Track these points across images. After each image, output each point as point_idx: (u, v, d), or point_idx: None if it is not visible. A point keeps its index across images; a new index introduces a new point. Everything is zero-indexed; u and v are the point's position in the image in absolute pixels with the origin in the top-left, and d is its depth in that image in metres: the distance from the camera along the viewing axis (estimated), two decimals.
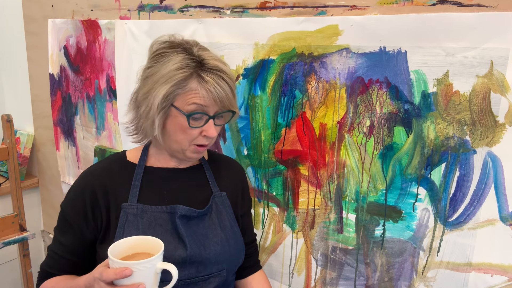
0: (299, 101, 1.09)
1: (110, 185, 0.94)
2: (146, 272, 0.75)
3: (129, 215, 0.92)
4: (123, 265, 0.74)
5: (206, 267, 0.94)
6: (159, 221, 0.93)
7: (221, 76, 0.87)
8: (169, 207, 0.94)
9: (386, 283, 1.05)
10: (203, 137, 0.91)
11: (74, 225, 0.93)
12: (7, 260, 2.03)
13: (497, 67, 0.83)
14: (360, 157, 1.03)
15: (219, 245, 0.95)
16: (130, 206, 0.92)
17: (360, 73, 0.99)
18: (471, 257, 0.92)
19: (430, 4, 0.88)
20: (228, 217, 1.01)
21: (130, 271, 0.73)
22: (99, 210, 0.93)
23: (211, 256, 0.94)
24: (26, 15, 1.85)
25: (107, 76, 1.54)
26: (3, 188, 1.92)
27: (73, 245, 0.94)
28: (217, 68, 0.87)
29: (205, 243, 0.94)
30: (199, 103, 0.86)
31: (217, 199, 1.01)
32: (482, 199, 0.90)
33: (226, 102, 0.88)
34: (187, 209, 0.94)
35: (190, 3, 1.25)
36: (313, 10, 1.03)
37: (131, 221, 0.91)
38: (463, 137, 0.89)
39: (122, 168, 0.98)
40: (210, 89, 0.85)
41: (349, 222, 1.08)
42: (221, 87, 0.86)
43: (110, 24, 1.47)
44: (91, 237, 0.94)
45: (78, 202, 0.93)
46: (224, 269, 0.96)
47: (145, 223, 0.92)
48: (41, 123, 1.95)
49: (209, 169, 1.04)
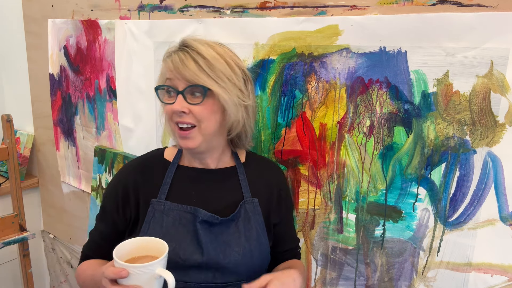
0: (299, 101, 1.09)
1: (142, 181, 0.97)
2: (144, 276, 0.76)
3: (156, 211, 0.94)
4: (121, 266, 0.76)
5: (224, 275, 0.92)
6: (183, 221, 0.93)
7: (185, 49, 0.89)
8: (192, 208, 0.93)
9: (386, 283, 1.05)
10: (175, 114, 0.90)
11: (108, 214, 0.99)
12: (7, 260, 2.03)
13: (497, 67, 0.83)
14: (360, 157, 1.03)
15: (240, 255, 0.92)
16: (158, 202, 0.94)
17: (360, 73, 0.99)
18: (471, 257, 0.92)
19: (430, 4, 0.88)
20: (257, 226, 0.96)
21: (126, 273, 0.75)
22: (128, 204, 0.96)
23: (230, 266, 0.91)
24: (26, 15, 1.85)
25: (107, 76, 1.54)
26: (3, 188, 1.92)
27: (107, 232, 0.99)
28: (185, 44, 0.90)
29: (225, 251, 0.92)
30: (166, 77, 0.90)
31: (248, 206, 0.97)
32: (482, 199, 0.90)
33: (186, 73, 0.86)
34: (209, 215, 0.92)
35: (190, 3, 1.25)
36: (313, 10, 1.03)
37: (157, 217, 0.93)
38: (463, 137, 0.89)
39: (157, 164, 1.00)
40: (168, 61, 0.89)
41: (349, 222, 1.08)
42: (180, 58, 0.87)
43: (110, 24, 1.47)
44: (122, 227, 0.98)
45: (113, 193, 0.99)
46: (243, 279, 0.93)
47: (170, 221, 0.93)
48: (41, 123, 1.95)
49: (243, 173, 1.01)
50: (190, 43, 0.90)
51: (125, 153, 1.51)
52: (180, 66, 0.87)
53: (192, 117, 0.89)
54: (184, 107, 0.88)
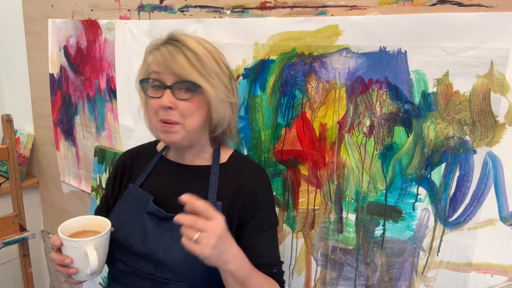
0: (299, 101, 1.09)
1: (131, 165, 1.06)
2: (75, 251, 0.84)
3: (129, 195, 1.00)
4: (59, 237, 0.85)
5: (164, 270, 0.90)
6: (144, 209, 0.96)
7: (175, 44, 0.87)
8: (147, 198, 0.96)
9: (386, 283, 1.05)
10: (162, 109, 0.88)
11: (106, 188, 1.11)
12: (7, 260, 2.03)
13: (497, 67, 0.83)
14: (360, 157, 1.03)
15: (183, 255, 0.85)
16: (133, 187, 1.01)
17: (360, 73, 0.99)
18: (471, 257, 0.92)
19: (430, 4, 0.88)
20: None
21: (59, 243, 0.85)
22: (117, 183, 1.07)
23: (169, 263, 0.89)
24: (26, 15, 1.85)
25: (107, 76, 1.54)
26: (3, 188, 1.92)
27: (105, 197, 1.11)
28: (174, 38, 0.89)
29: (169, 247, 0.89)
30: (153, 70, 0.89)
31: None
32: (482, 199, 0.90)
33: (177, 70, 0.85)
34: (155, 209, 0.94)
35: (190, 3, 1.25)
36: (313, 10, 1.03)
37: (128, 200, 1.00)
38: (463, 137, 0.89)
39: (148, 153, 1.07)
40: (157, 55, 0.88)
41: (349, 222, 1.08)
42: (169, 52, 0.86)
43: (110, 24, 1.47)
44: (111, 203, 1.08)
45: (113, 169, 1.10)
46: (183, 282, 0.89)
47: (135, 206, 0.97)
48: (41, 123, 1.95)
49: (216, 174, 0.96)
50: (180, 37, 0.89)
51: None
52: (171, 60, 0.86)
53: (177, 114, 0.88)
54: (172, 102, 0.87)
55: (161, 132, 0.91)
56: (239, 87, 1.19)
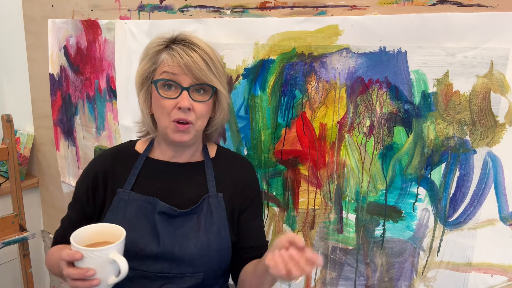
0: (299, 101, 1.09)
1: (111, 171, 1.00)
2: (97, 260, 0.79)
3: (121, 200, 0.97)
4: (76, 249, 0.79)
5: (180, 266, 0.93)
6: (145, 212, 0.95)
7: (191, 47, 0.90)
8: (153, 199, 0.95)
9: (386, 283, 1.05)
10: (178, 110, 0.90)
11: (79, 201, 1.02)
12: (7, 260, 2.03)
13: (497, 67, 0.83)
14: (360, 157, 1.03)
15: (197, 248, 0.93)
16: (123, 192, 0.97)
17: (360, 73, 0.99)
18: (471, 257, 0.92)
19: (430, 4, 0.88)
20: (219, 220, 0.97)
21: (80, 256, 0.78)
22: (98, 192, 1.00)
23: (185, 257, 0.93)
24: (26, 15, 1.85)
25: (107, 76, 1.54)
26: (3, 188, 1.92)
27: (77, 219, 1.01)
28: (187, 40, 0.91)
29: (182, 243, 0.93)
30: (168, 71, 0.89)
31: (211, 200, 0.98)
32: (482, 199, 0.90)
33: (198, 73, 0.88)
34: (167, 207, 0.94)
35: (190, 3, 1.25)
36: (313, 10, 1.03)
37: (121, 207, 0.96)
38: (463, 137, 0.89)
39: (128, 156, 1.03)
40: (176, 55, 0.88)
41: (349, 222, 1.08)
42: (188, 55, 0.88)
43: (110, 24, 1.47)
44: (90, 214, 1.01)
45: (84, 182, 1.02)
46: (201, 272, 0.94)
47: (133, 211, 0.95)
48: (41, 123, 1.95)
49: (210, 167, 1.02)
50: (192, 39, 0.91)
51: None
52: (191, 62, 0.88)
53: (193, 115, 0.91)
54: (191, 103, 0.90)
55: (173, 132, 0.92)
56: (239, 87, 1.19)
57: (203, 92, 0.92)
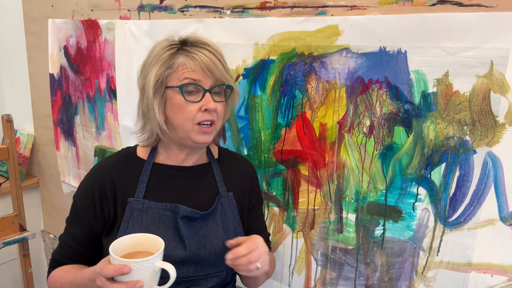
0: (299, 101, 1.09)
1: (118, 179, 0.95)
2: (145, 271, 0.77)
3: (134, 210, 0.93)
4: (122, 262, 0.75)
5: (204, 268, 0.95)
6: (163, 219, 0.94)
7: (206, 48, 0.90)
8: (172, 205, 0.94)
9: (386, 283, 1.05)
10: (204, 112, 0.90)
11: (84, 216, 0.96)
12: (7, 260, 2.03)
13: (497, 67, 0.83)
14: (360, 157, 1.03)
15: (220, 247, 0.95)
16: (136, 201, 0.94)
17: (360, 73, 0.99)
18: (471, 257, 0.92)
19: (430, 4, 0.88)
20: (233, 219, 1.00)
21: (128, 269, 0.74)
22: (107, 203, 0.94)
23: (210, 258, 0.94)
24: (26, 15, 1.85)
25: (107, 76, 1.54)
26: (3, 188, 1.92)
27: (82, 235, 0.97)
28: (199, 41, 0.91)
29: (205, 244, 0.94)
30: (190, 77, 0.88)
31: (223, 200, 1.00)
32: (482, 199, 0.90)
33: (217, 73, 0.89)
34: (189, 211, 0.94)
35: (190, 3, 1.25)
36: (313, 10, 1.03)
37: (136, 216, 0.93)
38: (463, 137, 0.89)
39: (132, 163, 0.99)
40: (196, 58, 0.88)
41: (349, 222, 1.08)
42: (206, 56, 0.88)
43: (110, 24, 1.47)
44: (99, 229, 0.96)
45: (88, 194, 0.95)
46: (223, 271, 0.97)
47: (149, 219, 0.93)
48: (41, 123, 1.95)
49: (217, 168, 1.03)
50: (205, 40, 0.92)
51: None
52: (212, 66, 0.88)
53: (215, 115, 0.92)
54: (216, 104, 0.91)
55: (198, 134, 0.91)
56: (239, 87, 1.19)
57: (220, 93, 0.93)
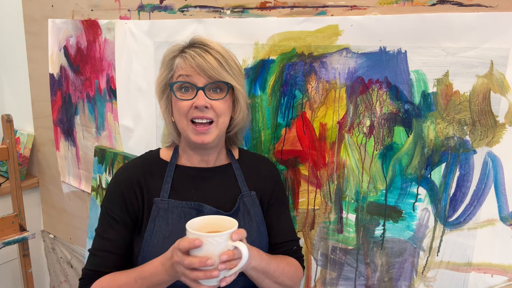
0: (299, 101, 1.09)
1: (143, 180, 0.98)
2: (217, 246, 0.77)
3: (160, 209, 0.95)
4: (195, 236, 0.77)
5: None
6: (188, 217, 0.92)
7: (204, 48, 0.91)
8: (197, 204, 0.95)
9: (386, 283, 1.05)
10: (195, 109, 0.91)
11: (118, 218, 0.96)
12: (7, 260, 2.03)
13: (497, 67, 0.83)
14: (360, 157, 1.03)
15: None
16: (161, 201, 0.96)
17: (360, 73, 0.99)
18: (471, 257, 0.92)
19: (430, 4, 0.88)
20: (256, 218, 1.00)
21: (200, 242, 0.75)
22: (136, 202, 0.96)
23: None
24: (26, 15, 1.85)
25: (107, 76, 1.54)
26: (3, 188, 1.92)
27: (121, 237, 0.96)
28: (200, 42, 0.92)
29: None
30: (183, 74, 0.91)
31: (246, 199, 1.00)
32: (482, 199, 0.90)
33: (211, 72, 0.89)
34: (214, 211, 0.95)
35: (190, 3, 1.25)
36: (313, 10, 1.03)
37: (162, 215, 0.94)
38: (463, 137, 0.89)
39: (155, 165, 1.01)
40: (188, 57, 0.90)
41: (349, 222, 1.08)
42: (200, 56, 0.90)
43: (110, 24, 1.47)
44: (133, 227, 0.97)
45: (117, 195, 0.97)
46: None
47: (175, 218, 0.94)
48: (41, 123, 1.95)
49: (238, 168, 1.04)
50: (204, 41, 0.93)
51: (125, 153, 1.51)
52: (203, 63, 0.89)
53: (213, 112, 0.92)
54: (207, 102, 0.91)
55: (194, 134, 0.93)
56: None
57: (219, 91, 0.93)
